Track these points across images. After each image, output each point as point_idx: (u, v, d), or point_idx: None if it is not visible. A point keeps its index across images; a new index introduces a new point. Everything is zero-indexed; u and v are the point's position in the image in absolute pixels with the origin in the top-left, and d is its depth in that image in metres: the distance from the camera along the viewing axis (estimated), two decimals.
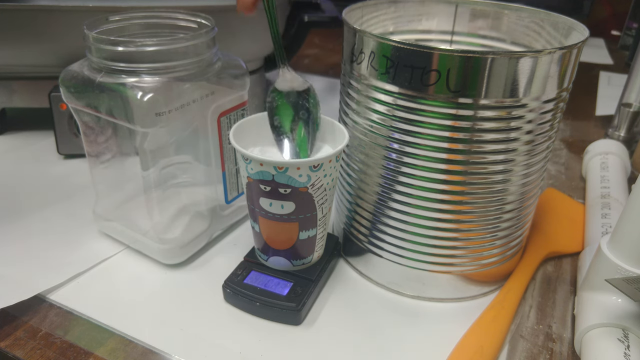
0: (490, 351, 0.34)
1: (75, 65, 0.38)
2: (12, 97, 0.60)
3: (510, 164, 0.34)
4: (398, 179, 0.36)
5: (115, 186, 0.44)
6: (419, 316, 0.38)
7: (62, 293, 0.39)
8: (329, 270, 0.41)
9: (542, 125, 0.34)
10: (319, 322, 0.37)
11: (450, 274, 0.38)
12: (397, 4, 0.44)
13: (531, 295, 0.41)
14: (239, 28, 0.57)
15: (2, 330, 0.36)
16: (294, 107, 0.39)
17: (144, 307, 0.38)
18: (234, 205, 0.47)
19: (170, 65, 0.36)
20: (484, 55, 0.30)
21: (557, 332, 0.37)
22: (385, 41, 0.32)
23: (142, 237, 0.42)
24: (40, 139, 0.62)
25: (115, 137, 0.40)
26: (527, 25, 0.42)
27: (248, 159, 0.34)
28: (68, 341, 0.35)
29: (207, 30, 0.38)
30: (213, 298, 0.39)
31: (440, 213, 0.36)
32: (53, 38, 0.53)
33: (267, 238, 0.38)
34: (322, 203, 0.36)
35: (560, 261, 0.45)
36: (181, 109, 0.37)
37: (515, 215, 0.37)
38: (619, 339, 0.32)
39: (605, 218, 0.45)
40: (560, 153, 0.66)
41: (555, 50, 0.31)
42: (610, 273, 0.34)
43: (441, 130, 0.33)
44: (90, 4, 0.52)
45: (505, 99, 0.32)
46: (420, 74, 0.32)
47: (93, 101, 0.37)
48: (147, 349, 0.35)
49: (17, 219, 0.47)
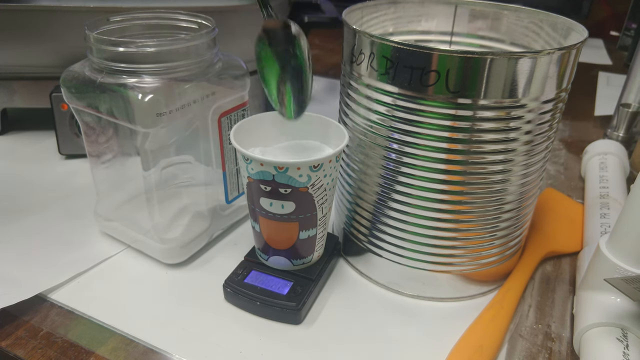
0: (490, 350, 0.34)
1: (76, 65, 0.39)
2: (14, 98, 0.60)
3: (510, 164, 0.34)
4: (398, 179, 0.36)
5: (116, 186, 0.44)
6: (418, 316, 0.38)
7: (63, 292, 0.39)
8: (329, 270, 0.41)
9: (541, 126, 0.34)
10: (319, 322, 0.37)
11: (450, 273, 0.39)
12: (397, 5, 0.44)
13: (530, 295, 0.41)
14: (239, 28, 0.57)
15: (3, 329, 0.36)
16: (279, 57, 0.36)
17: (145, 307, 0.38)
18: (235, 205, 0.47)
19: (171, 66, 0.36)
20: (483, 56, 0.30)
21: (556, 331, 0.37)
22: (385, 42, 0.33)
23: (143, 236, 0.42)
24: (41, 139, 0.62)
25: (116, 137, 0.41)
26: (526, 25, 0.42)
27: (248, 159, 0.34)
28: (69, 340, 0.35)
29: (208, 31, 0.38)
30: (213, 297, 0.39)
31: (439, 213, 0.36)
32: (54, 38, 0.54)
33: (268, 238, 0.38)
34: (322, 203, 0.37)
35: (559, 261, 0.45)
36: (182, 109, 0.37)
37: (514, 215, 0.38)
38: (618, 338, 0.32)
39: (604, 218, 0.46)
40: (559, 153, 0.66)
41: (554, 51, 0.31)
42: (609, 273, 0.34)
43: (440, 130, 0.33)
44: (91, 5, 0.52)
45: (504, 99, 0.32)
46: (419, 75, 0.32)
47: (94, 101, 0.37)
48: (148, 348, 0.35)
49: (18, 218, 0.47)
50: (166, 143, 0.38)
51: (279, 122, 0.40)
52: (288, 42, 0.36)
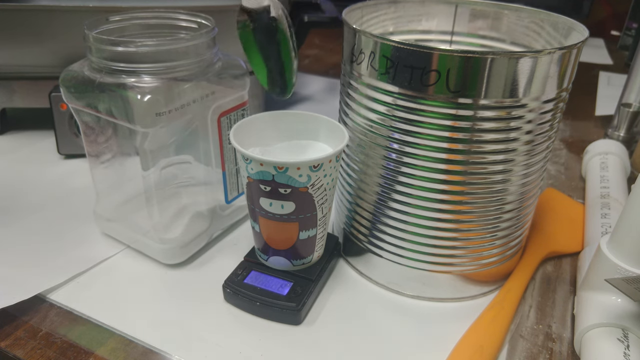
0: (490, 351, 0.34)
1: (76, 65, 0.39)
2: (13, 97, 0.60)
3: (510, 164, 0.34)
4: (398, 179, 0.36)
5: (115, 186, 0.44)
6: (419, 316, 0.38)
7: (63, 293, 0.39)
8: (329, 270, 0.41)
9: (542, 126, 0.34)
10: (319, 322, 0.37)
11: (450, 273, 0.38)
12: (397, 4, 0.44)
13: (531, 295, 0.41)
14: None
15: (3, 330, 0.36)
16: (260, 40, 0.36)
17: (145, 307, 0.38)
18: (234, 205, 0.47)
19: (170, 66, 0.36)
20: (483, 56, 0.30)
21: (557, 331, 0.37)
22: (385, 41, 0.32)
23: (143, 237, 0.42)
24: (40, 139, 0.62)
25: (116, 137, 0.40)
26: (526, 25, 0.42)
27: (248, 159, 0.34)
28: (68, 341, 0.35)
29: (208, 31, 0.38)
30: (213, 298, 0.39)
31: (440, 213, 0.36)
32: (53, 38, 0.53)
33: (267, 238, 0.38)
34: (322, 203, 0.37)
35: (559, 261, 0.45)
36: (181, 109, 0.37)
37: (515, 215, 0.37)
38: (619, 338, 0.32)
39: (604, 218, 0.45)
40: (560, 153, 0.66)
41: (555, 51, 0.31)
42: (610, 273, 0.34)
43: (441, 130, 0.33)
44: (90, 4, 0.52)
45: (505, 99, 0.32)
46: (420, 74, 0.32)
47: (93, 101, 0.37)
48: (148, 348, 0.35)
49: (18, 218, 0.47)
50: (165, 143, 0.38)
51: (279, 122, 0.40)
52: (269, 24, 0.36)
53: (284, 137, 0.41)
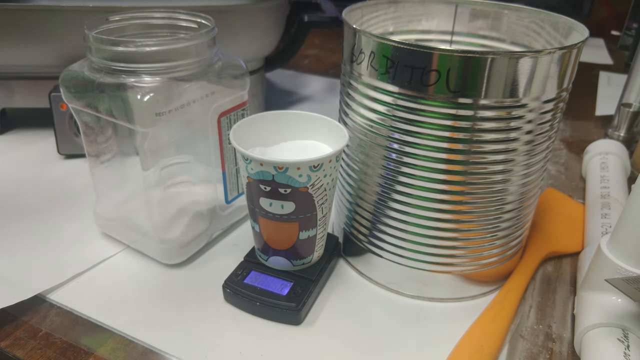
0: (490, 351, 0.34)
1: (76, 65, 0.39)
2: (13, 97, 0.60)
3: (510, 164, 0.34)
4: (398, 179, 0.36)
5: (115, 186, 0.44)
6: (419, 316, 0.38)
7: (63, 293, 0.39)
8: (329, 270, 0.41)
9: (542, 125, 0.34)
10: (319, 322, 0.37)
11: (450, 274, 0.38)
12: (397, 4, 0.44)
13: (531, 295, 0.41)
14: (239, 28, 0.57)
15: (2, 330, 0.36)
16: None
17: (144, 307, 0.38)
18: (234, 205, 0.47)
19: (170, 65, 0.36)
20: (483, 56, 0.30)
21: (557, 332, 0.37)
22: (385, 41, 0.32)
23: (142, 237, 0.42)
24: (40, 139, 0.62)
25: (116, 137, 0.40)
26: (527, 25, 0.42)
27: (248, 159, 0.34)
28: (68, 341, 0.35)
29: (208, 31, 0.38)
30: (213, 298, 0.39)
31: (440, 213, 0.36)
32: (53, 38, 0.53)
33: (267, 238, 0.38)
34: (322, 203, 0.36)
35: (560, 261, 0.45)
36: (181, 109, 0.37)
37: (515, 215, 0.37)
38: (619, 339, 0.32)
39: (605, 218, 0.45)
40: (560, 153, 0.66)
41: (555, 51, 0.31)
42: (610, 273, 0.34)
43: (441, 130, 0.33)
44: (90, 4, 0.52)
45: (505, 99, 0.32)
46: (420, 74, 0.32)
47: (93, 101, 0.37)
48: (147, 348, 0.35)
49: (17, 219, 0.47)
50: (165, 143, 0.38)
51: (279, 122, 0.40)
52: None
53: (284, 137, 0.41)
